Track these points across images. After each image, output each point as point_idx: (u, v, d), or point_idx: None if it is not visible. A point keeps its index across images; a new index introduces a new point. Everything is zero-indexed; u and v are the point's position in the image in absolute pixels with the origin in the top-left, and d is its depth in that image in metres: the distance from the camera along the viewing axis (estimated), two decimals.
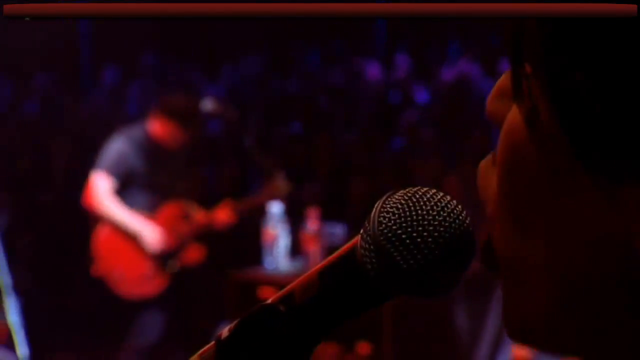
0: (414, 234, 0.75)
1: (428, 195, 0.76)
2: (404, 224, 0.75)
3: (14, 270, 6.46)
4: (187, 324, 5.59)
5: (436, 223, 0.75)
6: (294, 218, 5.59)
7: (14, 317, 6.12)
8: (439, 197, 0.77)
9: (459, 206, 0.76)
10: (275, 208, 5.48)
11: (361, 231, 0.78)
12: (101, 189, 5.54)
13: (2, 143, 9.41)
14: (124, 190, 5.59)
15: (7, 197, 7.43)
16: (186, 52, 12.68)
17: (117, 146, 5.62)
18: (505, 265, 0.70)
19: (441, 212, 0.76)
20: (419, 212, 0.75)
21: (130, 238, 5.58)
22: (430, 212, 0.75)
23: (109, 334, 6.20)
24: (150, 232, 5.59)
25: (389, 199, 0.77)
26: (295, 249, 5.54)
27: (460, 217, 0.76)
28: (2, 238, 6.45)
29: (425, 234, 0.75)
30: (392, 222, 0.75)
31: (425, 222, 0.75)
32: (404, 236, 0.75)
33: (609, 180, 0.61)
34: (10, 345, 5.85)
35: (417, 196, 0.76)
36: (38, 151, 9.24)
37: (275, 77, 11.67)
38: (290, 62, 12.43)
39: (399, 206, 0.76)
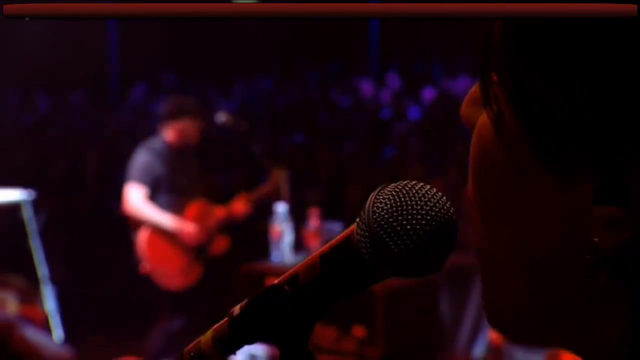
0: (404, 222, 0.74)
1: (417, 188, 0.76)
2: (395, 213, 0.74)
3: (50, 263, 6.47)
4: (204, 308, 5.59)
5: (423, 212, 0.74)
6: (298, 217, 5.59)
7: (50, 305, 6.12)
8: (426, 189, 0.76)
9: (444, 197, 0.76)
10: (281, 208, 5.49)
11: (357, 220, 0.77)
12: (136, 197, 5.59)
13: (42, 151, 9.42)
14: (152, 195, 5.64)
15: (45, 199, 7.43)
16: (203, 72, 12.69)
17: (142, 158, 5.66)
18: (480, 258, 0.69)
19: (428, 203, 0.75)
20: (409, 202, 0.75)
21: (168, 238, 5.63)
22: (419, 202, 0.75)
23: (136, 319, 6.19)
24: (187, 228, 5.63)
25: (382, 191, 0.76)
26: (299, 244, 5.54)
27: (445, 207, 0.75)
28: (40, 235, 6.45)
29: (414, 221, 0.74)
30: (385, 211, 0.75)
31: (414, 211, 0.74)
32: (395, 224, 0.74)
33: (565, 173, 0.61)
34: (47, 329, 5.85)
35: (407, 188, 0.76)
36: (72, 159, 9.25)
37: (281, 94, 11.68)
38: (294, 81, 12.44)
39: (391, 197, 0.75)
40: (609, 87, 0.59)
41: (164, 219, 5.60)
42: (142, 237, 5.66)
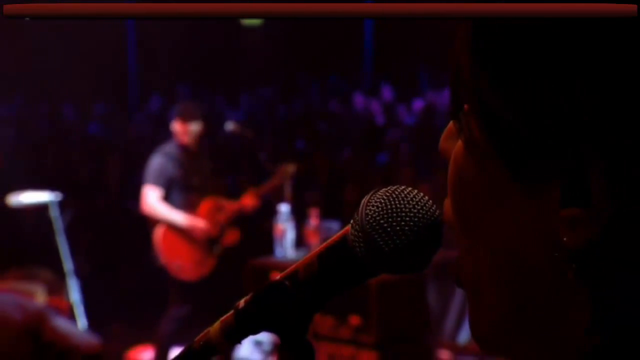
0: (394, 223, 0.74)
1: (405, 192, 0.76)
2: (385, 215, 0.74)
3: (75, 258, 6.46)
4: (213, 300, 5.58)
5: (411, 214, 0.74)
6: (299, 216, 5.58)
7: (75, 296, 6.11)
8: (414, 193, 0.76)
9: (430, 201, 0.76)
10: (284, 208, 5.48)
11: (351, 221, 0.77)
12: (152, 198, 5.62)
13: (68, 157, 9.41)
14: (168, 194, 5.66)
15: (70, 200, 7.42)
16: (213, 84, 12.69)
17: (157, 162, 5.68)
18: (464, 279, 0.69)
19: (416, 206, 0.75)
20: (398, 205, 0.75)
21: (182, 234, 5.65)
22: (407, 205, 0.75)
23: (153, 308, 6.19)
24: (198, 224, 5.65)
25: (374, 195, 0.76)
26: (300, 241, 5.53)
27: (431, 210, 0.75)
28: (66, 232, 6.44)
29: (402, 223, 0.74)
30: (376, 213, 0.75)
31: (403, 214, 0.74)
32: (385, 225, 0.74)
33: (533, 183, 0.62)
34: (72, 318, 5.84)
35: (397, 193, 0.76)
36: (95, 164, 9.24)
37: (284, 105, 11.68)
38: (296, 93, 12.44)
39: (382, 200, 0.75)
40: (563, 104, 0.59)
41: (176, 216, 5.62)
42: (158, 234, 5.68)
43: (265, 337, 5.15)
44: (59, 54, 11.46)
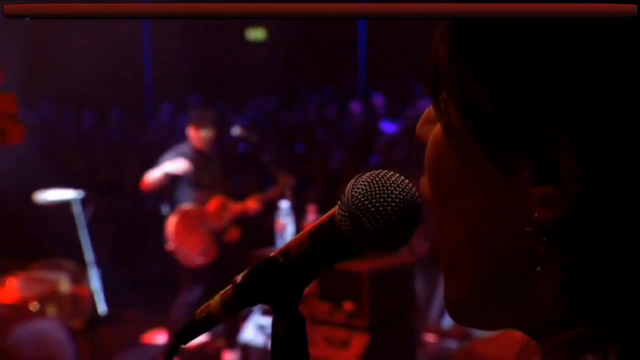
0: (377, 204, 0.74)
1: (388, 176, 0.76)
2: (369, 196, 0.74)
3: (96, 250, 6.45)
4: (219, 287, 5.58)
5: (393, 196, 0.74)
6: (298, 212, 5.58)
7: (95, 284, 6.10)
8: (395, 177, 0.76)
9: (410, 184, 0.76)
10: (285, 205, 5.49)
11: (338, 202, 0.77)
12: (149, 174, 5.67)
13: (89, 159, 9.41)
14: (179, 188, 5.71)
15: (92, 198, 7.42)
16: (221, 93, 12.69)
17: (167, 157, 5.76)
18: (440, 255, 0.68)
19: (397, 188, 0.75)
20: (381, 187, 0.75)
21: (192, 223, 5.69)
22: (389, 187, 0.75)
23: (167, 296, 6.18)
24: (179, 163, 5.65)
25: (359, 178, 0.76)
26: None
27: (411, 192, 0.75)
28: (87, 227, 6.44)
29: (385, 203, 0.74)
30: (361, 195, 0.74)
31: (385, 195, 0.74)
32: (369, 205, 0.74)
33: (507, 163, 0.61)
34: (92, 305, 5.84)
35: (380, 176, 0.76)
36: (114, 165, 9.24)
37: (286, 112, 11.67)
38: (296, 101, 12.43)
39: (367, 183, 0.75)
40: (535, 92, 0.58)
41: (168, 166, 5.63)
42: (170, 222, 5.75)
43: (268, 321, 5.14)
44: (79, 64, 11.45)
